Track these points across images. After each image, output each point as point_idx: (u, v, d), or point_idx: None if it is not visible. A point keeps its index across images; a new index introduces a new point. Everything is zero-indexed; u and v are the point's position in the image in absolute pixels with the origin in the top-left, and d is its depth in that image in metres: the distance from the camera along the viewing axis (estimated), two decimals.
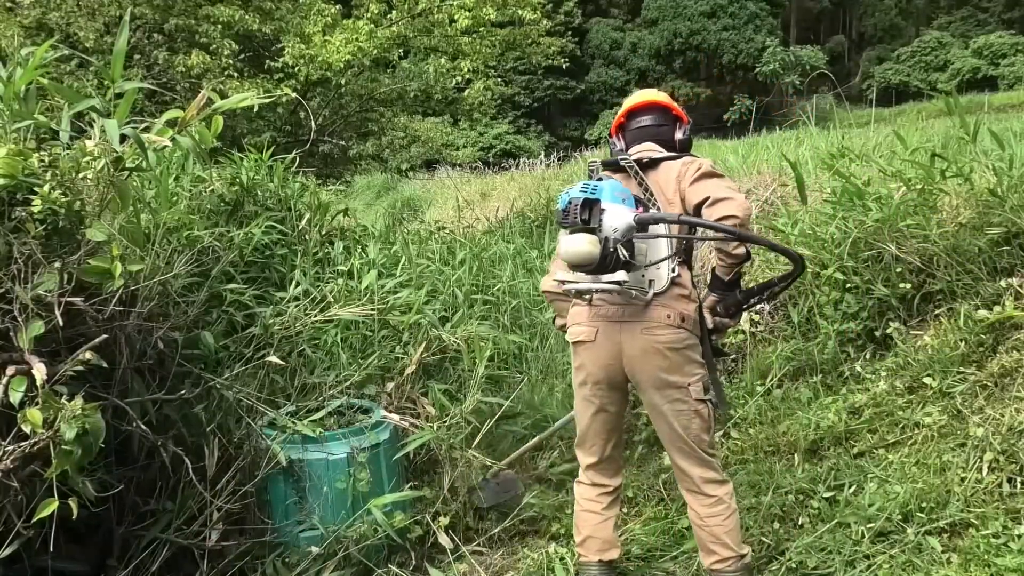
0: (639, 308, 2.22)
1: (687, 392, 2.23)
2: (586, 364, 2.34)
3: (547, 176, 14.30)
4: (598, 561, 2.42)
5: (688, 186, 2.23)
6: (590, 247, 2.00)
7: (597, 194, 2.05)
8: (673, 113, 2.53)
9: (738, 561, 2.27)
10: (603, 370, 2.30)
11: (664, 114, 2.51)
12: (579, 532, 2.48)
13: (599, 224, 2.02)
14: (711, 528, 2.27)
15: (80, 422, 1.87)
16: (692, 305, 2.28)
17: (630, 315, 2.23)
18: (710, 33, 42.41)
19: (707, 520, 2.28)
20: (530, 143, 38.78)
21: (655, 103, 2.53)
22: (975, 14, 45.70)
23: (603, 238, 2.02)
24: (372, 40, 7.85)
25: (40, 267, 2.08)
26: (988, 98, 23.40)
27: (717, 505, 2.28)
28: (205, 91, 2.45)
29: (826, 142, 7.19)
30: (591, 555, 2.43)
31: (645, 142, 2.47)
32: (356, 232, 4.69)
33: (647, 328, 2.21)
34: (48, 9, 7.41)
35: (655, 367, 2.21)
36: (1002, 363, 2.96)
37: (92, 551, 2.38)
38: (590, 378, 2.34)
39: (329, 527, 2.69)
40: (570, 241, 2.03)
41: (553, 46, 11.00)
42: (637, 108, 2.54)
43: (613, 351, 2.26)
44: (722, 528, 2.26)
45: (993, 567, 2.27)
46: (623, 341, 2.24)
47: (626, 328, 2.24)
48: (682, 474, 2.34)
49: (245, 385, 2.85)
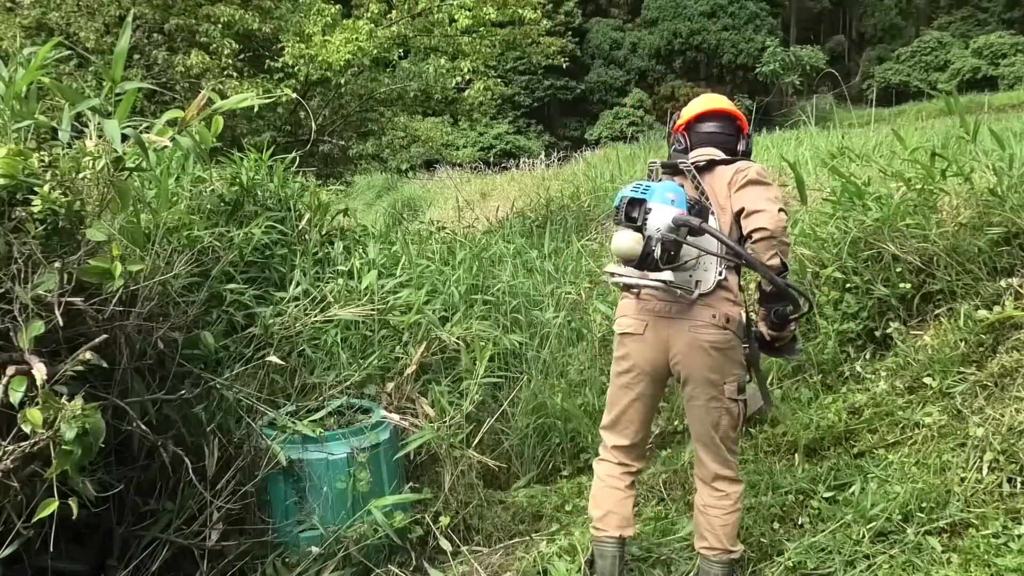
0: (686, 306, 2.32)
1: (722, 390, 2.34)
2: (632, 354, 2.44)
3: (547, 176, 14.30)
4: (618, 536, 2.48)
5: (734, 193, 2.33)
6: (632, 243, 2.15)
7: (646, 194, 2.18)
8: (738, 123, 2.60)
9: (725, 555, 2.39)
10: (649, 362, 2.40)
11: (731, 123, 2.58)
12: (599, 507, 2.53)
13: (644, 223, 2.15)
14: (710, 517, 2.40)
15: (80, 422, 1.87)
16: (737, 308, 2.37)
17: (678, 312, 2.33)
18: (710, 33, 42.41)
19: (708, 509, 2.41)
20: (530, 143, 38.78)
21: (726, 111, 2.59)
22: (975, 14, 45.68)
23: (647, 236, 2.15)
24: (372, 40, 7.85)
25: (40, 267, 2.08)
26: (988, 98, 23.41)
27: (723, 500, 2.39)
28: (205, 91, 2.45)
29: (826, 142, 7.20)
30: (611, 529, 2.49)
31: (709, 147, 2.53)
32: (356, 232, 4.69)
33: (694, 326, 2.31)
34: (48, 9, 7.41)
35: (699, 363, 2.32)
36: (1002, 363, 2.96)
37: (92, 551, 2.38)
38: (635, 368, 2.43)
39: (329, 527, 2.69)
40: (617, 237, 2.19)
41: (553, 46, 10.99)
42: (709, 113, 2.59)
43: (660, 345, 2.37)
44: (719, 521, 2.38)
45: (993, 567, 2.27)
46: (671, 336, 2.35)
47: (674, 324, 2.34)
48: (700, 464, 2.46)
49: (245, 385, 2.85)
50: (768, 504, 2.89)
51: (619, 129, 38.36)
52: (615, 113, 41.69)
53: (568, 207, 8.40)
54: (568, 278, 4.92)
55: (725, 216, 2.35)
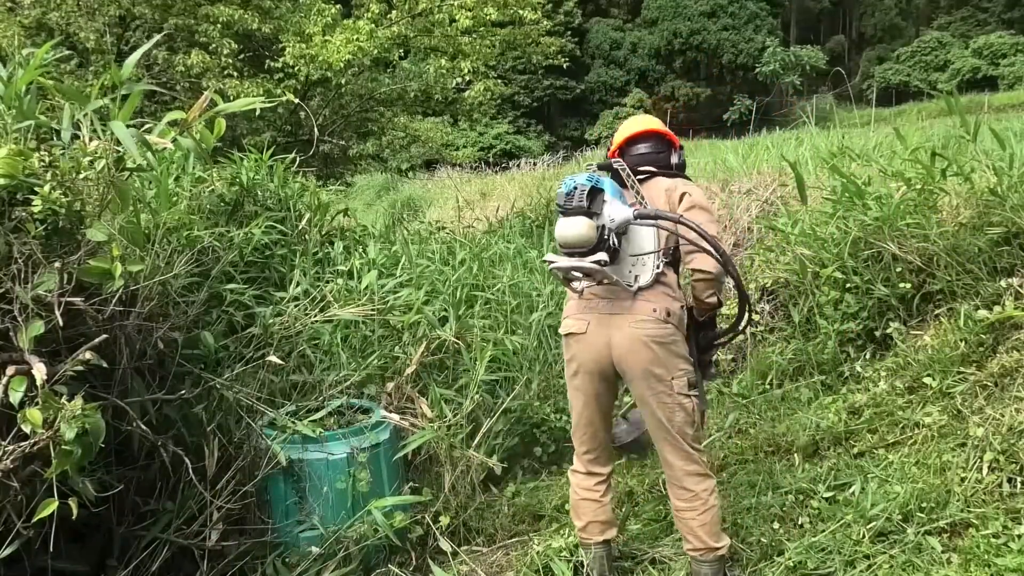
0: (627, 302, 2.35)
1: (671, 386, 2.35)
2: (577, 355, 2.45)
3: (547, 176, 14.29)
4: (602, 541, 2.56)
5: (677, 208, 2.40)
6: (588, 230, 2.15)
7: (601, 185, 2.21)
8: (668, 139, 2.67)
9: (710, 553, 2.41)
10: (594, 362, 2.41)
11: (660, 141, 2.66)
12: (580, 519, 2.59)
13: (600, 211, 2.18)
14: (686, 521, 2.42)
15: (80, 422, 1.87)
16: (677, 303, 2.41)
17: (618, 308, 2.36)
18: (710, 33, 42.39)
19: (683, 514, 2.43)
20: (530, 143, 38.77)
21: (653, 131, 2.66)
22: (975, 14, 45.68)
23: (600, 225, 2.17)
24: (372, 40, 7.84)
25: (40, 267, 2.07)
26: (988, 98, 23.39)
27: (693, 500, 2.40)
28: (208, 93, 2.45)
29: (826, 142, 7.20)
30: (595, 536, 2.56)
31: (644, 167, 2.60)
32: (356, 232, 4.69)
33: (635, 321, 2.33)
34: (48, 9, 7.40)
35: (642, 359, 2.33)
36: (1002, 363, 2.95)
37: (92, 551, 2.38)
38: (582, 368, 2.45)
39: (329, 527, 2.69)
40: (569, 223, 2.16)
41: (553, 46, 10.97)
42: (638, 136, 2.66)
43: (603, 343, 2.37)
44: (696, 522, 2.40)
45: (993, 567, 2.27)
46: (612, 333, 2.36)
47: (615, 321, 2.35)
48: (667, 464, 2.46)
49: (245, 385, 2.85)
50: (768, 504, 2.89)
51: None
52: (615, 113, 41.66)
53: None
54: None
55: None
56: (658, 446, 2.46)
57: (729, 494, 3.08)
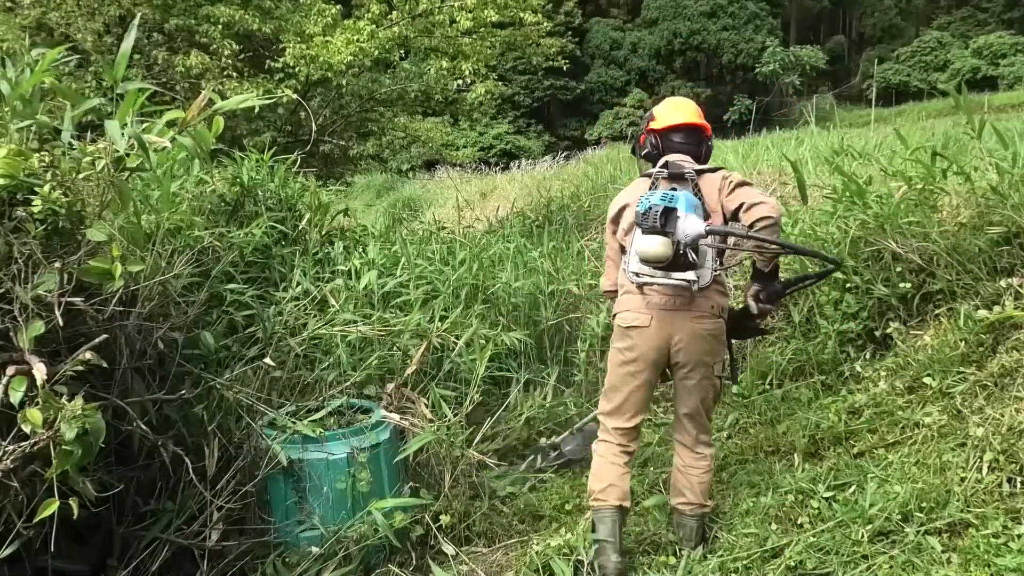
0: (687, 299, 2.60)
1: (713, 369, 2.69)
2: (639, 345, 2.68)
3: (548, 176, 14.28)
4: (617, 506, 2.69)
5: (726, 197, 2.59)
6: (664, 248, 2.38)
7: (674, 203, 2.39)
8: (704, 132, 2.85)
9: (699, 508, 2.73)
10: (655, 352, 2.66)
11: (700, 133, 2.84)
12: (601, 481, 2.73)
13: (674, 229, 2.37)
14: (690, 476, 2.73)
15: (80, 422, 1.87)
16: (727, 298, 2.72)
17: (680, 305, 2.61)
18: (710, 33, 42.37)
19: (689, 470, 2.74)
20: (530, 143, 38.75)
21: (696, 125, 2.83)
22: (975, 14, 45.65)
23: (675, 241, 2.38)
24: (373, 41, 7.84)
25: (40, 267, 2.08)
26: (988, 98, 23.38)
27: (701, 461, 2.75)
28: (206, 92, 2.45)
29: (826, 142, 7.20)
30: (611, 500, 2.69)
31: (680, 155, 2.77)
32: (356, 232, 4.69)
33: (696, 317, 2.61)
34: (48, 9, 7.40)
35: (700, 350, 2.64)
36: (1002, 363, 2.95)
37: (92, 551, 2.38)
38: (642, 357, 2.68)
39: (329, 527, 2.69)
40: (647, 241, 2.41)
41: (553, 46, 10.96)
42: (683, 127, 2.81)
43: (665, 336, 2.63)
44: (698, 479, 2.72)
45: (993, 567, 2.26)
46: (674, 327, 2.62)
47: (677, 316, 2.61)
48: (684, 432, 2.78)
49: (245, 385, 2.85)
50: (768, 504, 2.89)
51: (619, 129, 38.36)
52: (615, 113, 41.67)
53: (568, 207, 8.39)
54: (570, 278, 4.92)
55: (717, 218, 2.61)
56: (682, 417, 2.76)
57: (729, 494, 3.08)
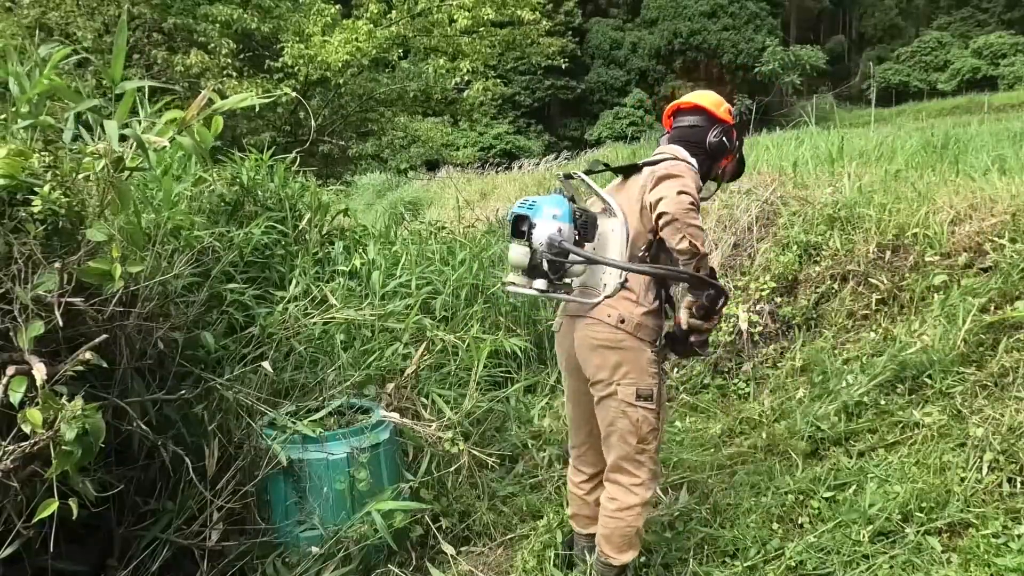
0: (588, 305, 2.36)
1: (615, 391, 2.36)
2: (557, 353, 2.63)
3: (548, 176, 14.29)
4: (584, 535, 2.69)
5: (648, 194, 2.29)
6: (521, 256, 2.22)
7: (531, 211, 2.22)
8: (711, 116, 2.56)
9: (604, 560, 2.46)
10: (565, 359, 2.54)
11: (702, 116, 2.57)
12: (568, 508, 2.76)
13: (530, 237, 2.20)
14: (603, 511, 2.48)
15: (80, 422, 1.86)
16: (639, 309, 2.34)
17: (580, 310, 2.41)
18: (710, 33, 42.40)
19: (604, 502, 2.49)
20: (530, 143, 38.76)
21: (696, 106, 2.60)
22: (975, 14, 45.69)
23: (532, 249, 2.19)
24: (371, 40, 7.84)
25: (40, 267, 2.07)
26: (988, 98, 23.38)
27: (609, 504, 2.45)
28: (206, 92, 2.44)
29: (826, 142, 7.19)
30: (578, 527, 2.73)
31: (673, 144, 2.55)
32: (356, 232, 4.69)
33: (588, 323, 2.38)
34: (47, 8, 7.40)
35: (591, 362, 2.39)
36: (1002, 363, 2.96)
37: (92, 551, 2.37)
38: (560, 366, 2.62)
39: (329, 527, 2.69)
40: (511, 248, 2.26)
41: (553, 46, 10.97)
42: (683, 108, 2.65)
43: (569, 343, 2.47)
44: (603, 528, 2.47)
45: (993, 567, 2.27)
46: (573, 334, 2.44)
47: (576, 322, 2.43)
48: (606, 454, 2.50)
49: (245, 385, 2.85)
50: (768, 504, 2.89)
51: (619, 129, 38.36)
52: (615, 113, 41.69)
53: None
54: None
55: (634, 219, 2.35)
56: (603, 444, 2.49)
57: (729, 494, 3.08)
